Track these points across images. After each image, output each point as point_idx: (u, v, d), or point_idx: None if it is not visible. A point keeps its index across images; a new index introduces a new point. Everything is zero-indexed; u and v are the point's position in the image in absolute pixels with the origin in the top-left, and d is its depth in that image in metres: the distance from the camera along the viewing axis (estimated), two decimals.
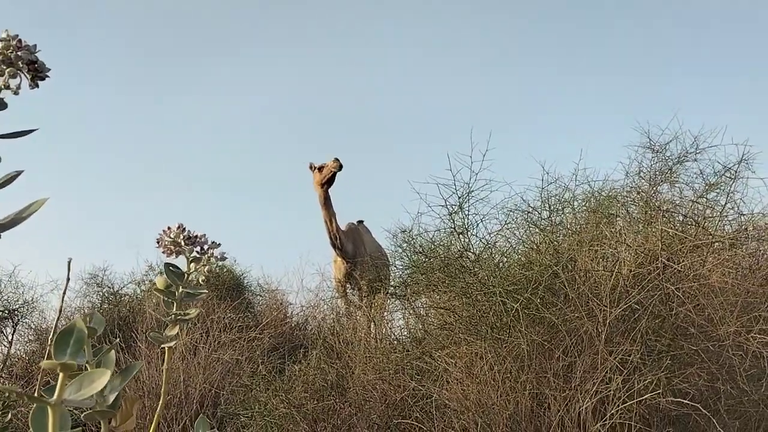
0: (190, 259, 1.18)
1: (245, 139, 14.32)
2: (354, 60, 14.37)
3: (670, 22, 13.43)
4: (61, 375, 0.71)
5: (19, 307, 7.25)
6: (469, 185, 4.25)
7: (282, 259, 12.55)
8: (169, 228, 1.17)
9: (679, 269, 3.56)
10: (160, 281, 1.22)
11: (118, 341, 5.56)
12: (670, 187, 4.48)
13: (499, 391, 3.58)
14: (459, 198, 4.29)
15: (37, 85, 0.89)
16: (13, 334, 7.16)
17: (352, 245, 6.77)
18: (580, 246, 3.84)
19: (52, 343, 0.76)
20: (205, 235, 1.18)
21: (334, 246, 6.66)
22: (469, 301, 3.99)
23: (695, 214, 4.05)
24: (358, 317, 6.16)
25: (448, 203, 4.31)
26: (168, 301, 1.22)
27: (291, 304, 7.68)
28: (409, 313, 5.25)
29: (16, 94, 0.87)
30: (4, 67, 0.85)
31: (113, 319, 6.87)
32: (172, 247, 1.16)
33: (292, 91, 14.26)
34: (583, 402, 3.34)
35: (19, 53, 0.87)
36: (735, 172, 4.02)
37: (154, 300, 6.68)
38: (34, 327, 7.29)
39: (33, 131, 0.90)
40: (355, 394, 4.49)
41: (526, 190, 4.56)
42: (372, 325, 5.80)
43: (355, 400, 4.46)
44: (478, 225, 4.38)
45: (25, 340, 7.26)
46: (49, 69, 0.89)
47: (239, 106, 14.37)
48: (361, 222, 7.27)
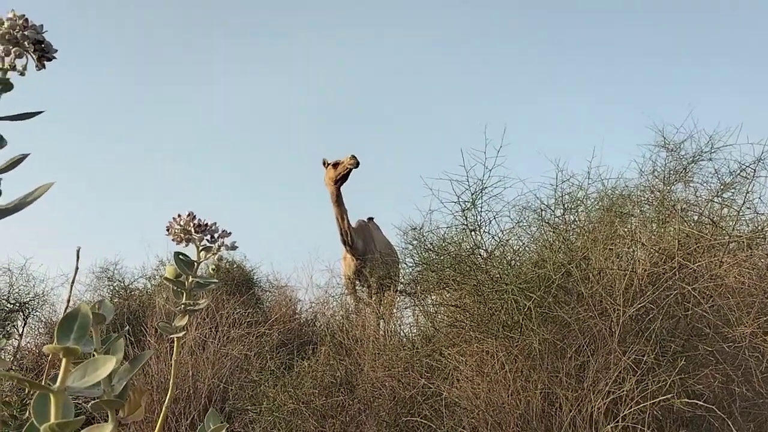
0: (201, 247, 1.15)
1: (256, 133, 14.33)
2: (368, 54, 14.35)
3: (687, 21, 13.30)
4: (64, 361, 0.69)
5: (30, 300, 7.29)
6: (483, 181, 4.21)
7: (291, 255, 12.56)
8: (179, 215, 1.14)
9: (694, 269, 3.51)
10: (170, 270, 1.20)
11: (128, 330, 5.56)
12: (685, 186, 4.43)
13: (510, 389, 3.54)
14: (472, 194, 4.25)
15: (43, 66, 0.86)
16: (23, 327, 7.20)
17: (362, 242, 6.74)
18: (594, 244, 3.79)
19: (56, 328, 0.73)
20: (215, 223, 1.16)
21: (345, 243, 6.63)
22: (481, 299, 3.95)
23: (711, 214, 3.99)
24: (367, 314, 6.13)
25: (460, 199, 4.28)
26: (177, 290, 1.20)
27: (300, 300, 7.68)
28: (419, 311, 5.22)
29: (22, 74, 0.84)
30: (11, 47, 0.83)
31: (123, 313, 6.88)
32: (182, 234, 1.14)
33: (303, 86, 14.27)
34: (596, 402, 3.30)
35: (26, 33, 0.84)
36: (752, 172, 3.96)
37: (164, 295, 6.68)
38: (44, 320, 7.32)
39: (39, 113, 0.88)
40: (363, 391, 4.46)
41: (540, 187, 4.53)
42: (381, 322, 5.77)
43: (363, 396, 4.43)
44: (490, 222, 4.34)
45: (36, 333, 7.30)
46: (56, 50, 0.87)
47: (250, 102, 14.38)
48: (371, 219, 7.25)
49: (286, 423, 4.41)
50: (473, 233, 4.30)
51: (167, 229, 1.14)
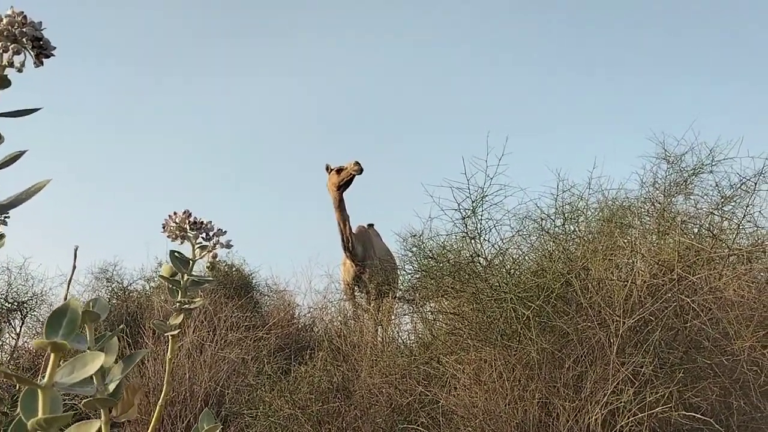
0: (196, 245, 1.15)
1: (256, 139, 14.35)
2: (370, 59, 14.38)
3: (689, 34, 13.33)
4: (52, 356, 0.68)
5: (29, 299, 7.28)
6: (484, 189, 4.21)
7: (291, 260, 12.55)
8: (175, 213, 1.15)
9: (694, 281, 3.50)
10: (166, 268, 1.20)
11: (126, 331, 5.56)
12: (685, 198, 4.42)
13: (508, 399, 3.53)
14: (473, 202, 4.24)
15: (41, 63, 0.86)
16: (21, 327, 7.19)
17: (362, 248, 6.73)
18: (594, 255, 3.79)
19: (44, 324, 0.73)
20: (211, 221, 1.16)
21: (346, 248, 6.62)
22: (479, 307, 3.94)
23: (711, 226, 3.99)
24: (366, 320, 6.12)
25: (461, 207, 4.27)
26: (173, 288, 1.20)
27: (298, 305, 7.67)
28: (417, 318, 5.21)
29: (20, 71, 0.84)
30: (9, 44, 0.83)
31: (121, 314, 6.87)
32: (178, 232, 1.14)
33: (304, 90, 14.30)
34: (593, 413, 3.28)
35: (24, 29, 0.84)
36: (753, 185, 3.95)
37: (162, 296, 6.68)
38: (42, 320, 7.31)
39: (37, 110, 0.88)
40: (360, 398, 4.45)
41: (540, 196, 4.53)
42: (379, 329, 5.76)
43: (360, 403, 4.42)
44: (490, 230, 4.33)
45: (33, 332, 7.28)
46: (54, 47, 0.87)
47: (252, 106, 14.41)
48: (371, 225, 7.24)
49: (281, 428, 4.40)
50: (473, 241, 4.29)
51: (163, 226, 1.14)
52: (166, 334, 1.18)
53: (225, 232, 1.18)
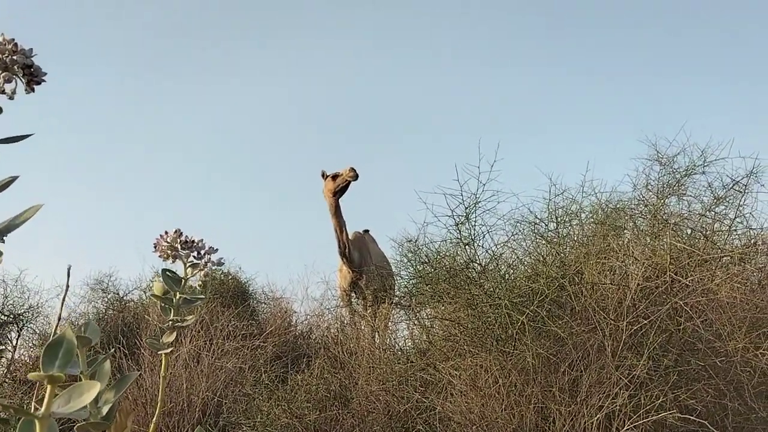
0: (188, 264, 1.16)
1: (251, 146, 14.35)
2: (362, 67, 14.41)
3: (681, 36, 13.41)
4: (48, 387, 0.70)
5: (24, 311, 7.26)
6: (477, 196, 4.23)
7: (287, 267, 12.53)
8: (166, 232, 1.16)
9: (687, 283, 3.52)
10: (158, 287, 1.21)
11: (120, 348, 5.53)
12: (678, 199, 4.45)
13: (504, 404, 3.54)
14: (466, 208, 4.26)
15: (32, 90, 0.87)
16: (17, 339, 7.16)
17: (358, 254, 6.73)
18: (587, 258, 3.80)
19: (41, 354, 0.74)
20: (202, 240, 1.17)
21: (343, 255, 6.61)
22: (475, 313, 3.95)
23: (703, 228, 4.01)
24: (363, 327, 6.12)
25: (454, 213, 4.29)
26: (165, 307, 1.21)
27: (295, 312, 7.66)
28: (414, 324, 5.21)
29: (11, 98, 0.85)
30: (0, 72, 0.84)
31: (117, 325, 6.85)
32: (169, 251, 1.15)
33: (298, 99, 14.31)
34: (589, 417, 3.30)
35: (15, 57, 0.85)
36: (744, 186, 3.98)
37: (158, 307, 6.65)
38: (38, 332, 7.29)
39: (28, 136, 0.89)
40: (358, 405, 4.45)
41: (533, 201, 4.54)
42: (376, 335, 5.76)
43: (358, 411, 4.42)
44: (484, 236, 4.35)
45: (30, 344, 7.26)
46: (45, 73, 0.88)
47: (245, 115, 14.42)
48: (366, 231, 7.25)
49: None
50: (467, 247, 4.31)
51: (155, 246, 1.15)
52: (158, 353, 1.19)
53: (216, 250, 1.19)
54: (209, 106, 14.18)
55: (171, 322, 1.23)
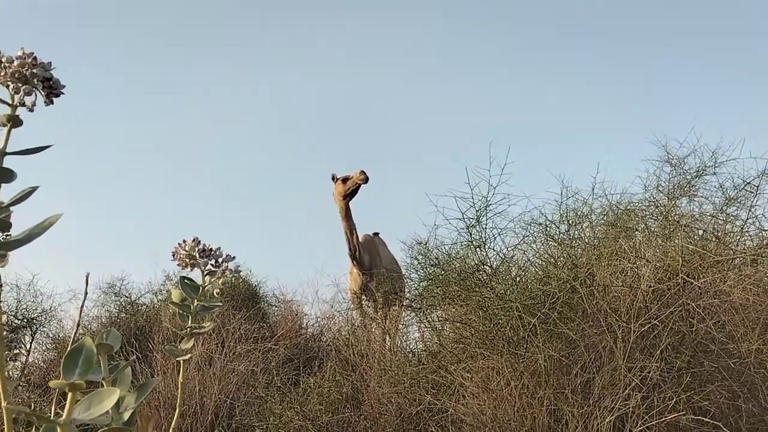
0: (205, 272, 1.18)
1: (263, 150, 14.40)
2: (373, 70, 14.43)
3: (691, 36, 13.34)
4: (70, 395, 0.71)
5: (38, 316, 7.32)
6: (487, 199, 4.23)
7: (297, 270, 12.56)
8: (184, 241, 1.17)
9: (699, 285, 3.50)
10: (176, 294, 1.22)
11: (133, 352, 5.58)
12: (689, 201, 4.43)
13: (516, 406, 3.54)
14: (477, 211, 4.26)
15: (52, 102, 0.89)
16: (31, 343, 7.23)
17: (368, 257, 6.75)
18: (599, 260, 3.80)
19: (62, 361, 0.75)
20: (219, 248, 1.18)
21: (353, 257, 6.63)
22: (486, 315, 3.95)
23: (715, 229, 3.99)
24: (373, 329, 6.13)
25: (465, 216, 4.29)
26: (183, 314, 1.22)
27: (306, 315, 7.68)
28: (425, 326, 5.21)
29: (31, 110, 0.87)
30: (20, 85, 0.86)
31: (130, 329, 6.90)
32: (187, 260, 1.17)
33: (310, 101, 14.35)
34: (602, 419, 3.29)
35: (35, 70, 0.87)
36: (756, 187, 3.96)
37: (170, 310, 6.69)
38: (52, 336, 7.36)
39: (47, 147, 0.90)
40: (370, 407, 4.46)
41: (544, 203, 4.54)
42: (387, 338, 5.77)
43: (370, 413, 4.43)
44: (495, 238, 4.35)
45: (43, 348, 7.32)
46: (64, 86, 0.90)
47: (257, 117, 14.47)
48: (376, 234, 7.26)
49: None
50: (478, 249, 4.31)
51: (173, 255, 1.17)
52: (176, 359, 1.21)
53: (233, 258, 1.20)
54: (219, 111, 14.25)
55: (189, 329, 1.24)
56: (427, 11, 14.12)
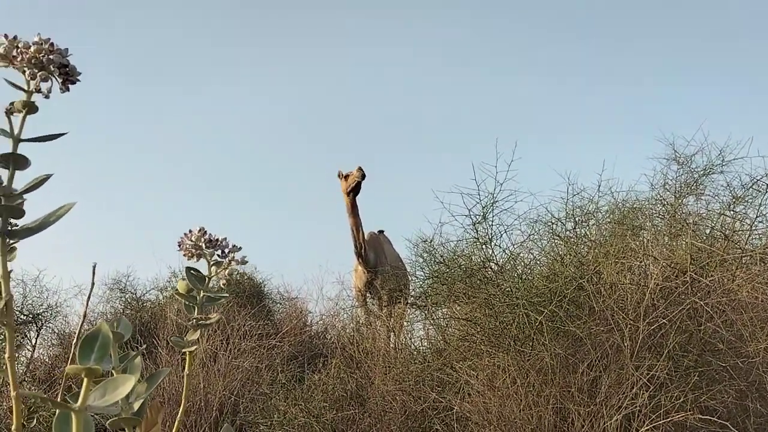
0: (212, 262, 1.17)
1: (267, 146, 14.41)
2: (379, 68, 14.41)
3: (698, 35, 13.29)
4: (85, 380, 0.70)
5: (43, 311, 7.33)
6: (494, 195, 4.22)
7: (302, 267, 12.56)
8: (190, 231, 1.16)
9: (707, 283, 3.49)
10: (182, 285, 1.21)
11: (138, 347, 5.58)
12: (696, 199, 4.41)
13: (522, 404, 3.53)
14: (483, 208, 4.25)
15: (67, 89, 0.88)
16: (36, 339, 7.24)
17: (373, 254, 6.75)
18: (606, 258, 3.78)
19: (76, 348, 0.74)
20: (226, 238, 1.17)
21: (359, 255, 6.64)
22: (492, 313, 3.94)
23: (723, 228, 3.97)
24: (378, 327, 6.12)
25: (471, 213, 4.28)
26: (189, 305, 1.21)
27: (310, 312, 7.68)
28: (430, 324, 5.20)
29: (47, 97, 0.87)
30: (36, 71, 0.85)
31: (135, 325, 6.90)
32: (193, 250, 1.16)
33: (315, 98, 14.34)
34: (608, 418, 3.28)
35: (51, 57, 0.86)
36: (765, 185, 3.94)
37: (176, 306, 6.71)
38: (57, 332, 7.36)
39: (62, 135, 0.90)
40: (374, 405, 4.45)
41: (551, 201, 4.52)
42: (392, 335, 5.77)
43: (374, 410, 4.42)
44: (501, 235, 4.34)
45: (48, 344, 7.33)
46: (80, 73, 0.89)
47: (261, 115, 14.47)
48: (381, 231, 7.26)
49: None
50: (484, 246, 4.30)
51: (179, 245, 1.16)
52: (182, 351, 1.20)
53: (240, 249, 1.19)
54: (222, 109, 14.26)
55: (195, 321, 1.23)
56: (428, 10, 14.10)
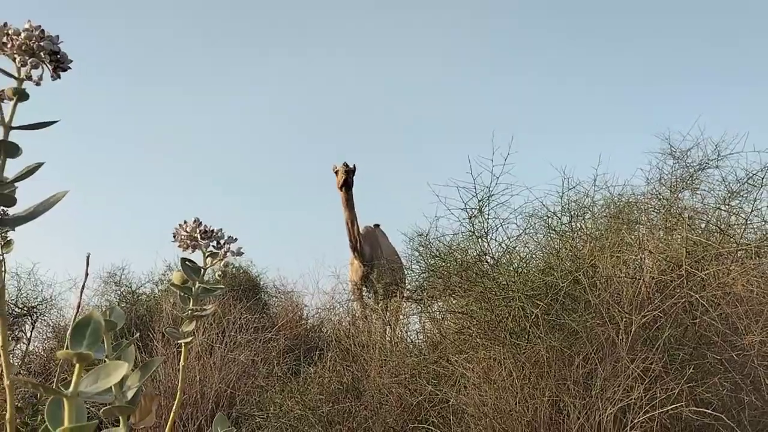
0: (207, 253, 1.16)
1: (262, 139, 14.38)
2: (376, 62, 14.40)
3: (693, 29, 13.29)
4: (77, 366, 0.70)
5: (38, 304, 7.32)
6: (490, 189, 4.22)
7: (297, 261, 12.55)
8: (185, 222, 1.15)
9: (702, 277, 3.50)
10: (177, 276, 1.20)
11: (138, 336, 5.58)
12: (692, 194, 4.42)
13: (518, 397, 3.54)
14: (479, 201, 4.25)
15: (58, 76, 0.87)
16: (31, 332, 7.22)
17: (369, 248, 6.77)
18: (601, 252, 3.79)
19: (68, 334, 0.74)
20: (221, 229, 1.17)
21: (354, 249, 6.67)
22: (488, 306, 3.95)
23: (719, 222, 3.98)
24: (374, 320, 6.14)
25: (467, 206, 4.28)
26: (185, 296, 1.20)
27: (306, 306, 7.68)
28: (426, 317, 5.21)
29: (38, 84, 0.86)
30: (27, 58, 0.84)
31: (130, 318, 6.90)
32: (188, 241, 1.15)
33: (311, 91, 14.32)
34: (604, 410, 3.29)
35: (42, 43, 0.85)
36: (760, 179, 3.95)
37: (171, 300, 6.71)
38: (52, 324, 7.35)
39: (54, 122, 0.89)
40: (370, 398, 4.46)
41: (546, 195, 4.53)
42: (388, 329, 5.78)
43: (370, 403, 4.43)
44: (497, 229, 4.34)
45: (44, 337, 7.32)
46: (71, 60, 0.88)
47: (257, 106, 14.44)
48: (377, 225, 7.27)
49: (292, 429, 4.42)
50: (480, 240, 4.30)
51: (174, 236, 1.15)
52: (178, 342, 1.19)
53: (235, 240, 1.18)
54: (219, 102, 14.21)
55: (190, 312, 1.23)
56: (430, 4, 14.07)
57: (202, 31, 14.73)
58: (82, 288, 1.44)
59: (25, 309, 7.25)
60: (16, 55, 0.84)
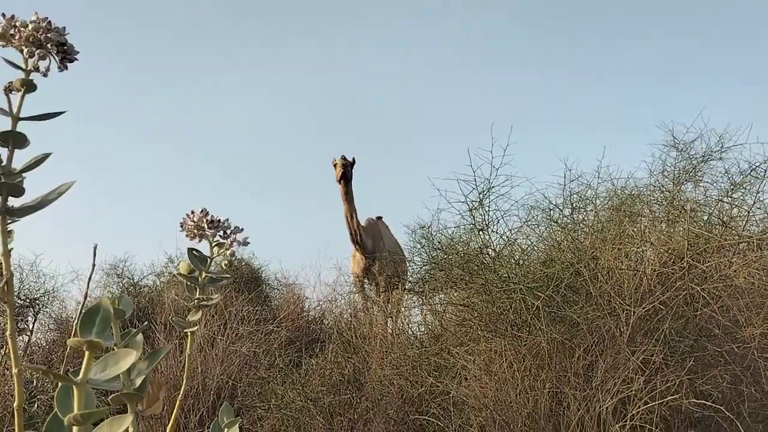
0: (214, 243, 1.16)
1: (265, 132, 14.38)
2: (378, 54, 14.37)
3: (698, 21, 13.24)
4: (86, 354, 0.71)
5: (41, 296, 7.33)
6: (490, 181, 4.22)
7: (300, 253, 12.56)
8: (192, 212, 1.16)
9: (704, 269, 3.50)
10: (184, 266, 1.21)
11: (146, 324, 5.59)
12: (695, 186, 4.41)
13: (518, 388, 3.55)
14: (479, 194, 4.25)
15: (66, 67, 0.88)
16: (34, 323, 7.24)
17: (371, 240, 6.79)
18: (603, 244, 3.79)
19: (77, 323, 0.75)
20: (228, 219, 1.17)
21: (354, 241, 6.68)
22: (489, 298, 3.96)
23: (721, 214, 3.98)
24: (375, 312, 6.16)
25: (468, 199, 4.28)
26: (191, 286, 1.21)
27: (308, 298, 7.70)
28: (427, 309, 5.22)
29: (45, 76, 0.86)
30: (34, 49, 0.85)
31: (132, 310, 6.90)
32: (196, 231, 1.15)
33: (314, 84, 14.29)
34: (604, 402, 3.30)
35: (49, 35, 0.86)
36: (763, 172, 3.94)
37: (173, 291, 6.72)
38: (54, 316, 7.38)
39: (61, 113, 0.89)
40: (371, 389, 4.48)
41: (548, 186, 4.53)
42: (389, 321, 5.80)
43: (371, 394, 4.45)
44: (498, 221, 4.34)
45: (46, 329, 7.34)
46: (78, 51, 0.88)
47: (260, 99, 14.43)
48: (380, 218, 7.28)
49: (294, 420, 4.44)
50: (481, 232, 4.30)
51: (181, 225, 1.16)
52: (184, 331, 1.20)
53: (242, 230, 1.19)
54: (222, 97, 14.20)
55: (196, 301, 1.23)
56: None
57: (210, 22, 14.70)
58: (89, 279, 1.45)
59: (28, 301, 7.27)
60: (23, 47, 0.85)
